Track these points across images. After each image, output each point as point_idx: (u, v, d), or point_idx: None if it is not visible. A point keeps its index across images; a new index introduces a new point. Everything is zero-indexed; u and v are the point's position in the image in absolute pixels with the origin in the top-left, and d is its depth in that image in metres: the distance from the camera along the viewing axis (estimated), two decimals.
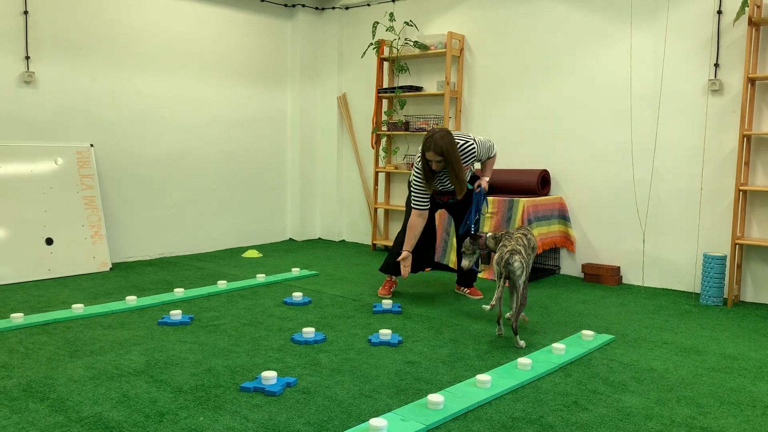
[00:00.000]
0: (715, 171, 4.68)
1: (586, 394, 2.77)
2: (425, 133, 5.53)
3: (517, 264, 3.37)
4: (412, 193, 4.14)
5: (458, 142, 3.98)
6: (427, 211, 4.16)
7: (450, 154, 3.86)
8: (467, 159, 4.03)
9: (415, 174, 4.11)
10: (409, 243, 4.14)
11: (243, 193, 6.56)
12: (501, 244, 3.58)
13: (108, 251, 5.26)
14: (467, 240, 3.83)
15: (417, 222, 4.13)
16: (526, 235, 3.63)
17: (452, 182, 4.01)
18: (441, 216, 5.38)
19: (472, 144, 4.03)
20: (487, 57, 5.82)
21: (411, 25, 6.27)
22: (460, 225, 4.34)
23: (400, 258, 4.16)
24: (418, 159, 4.05)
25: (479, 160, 4.15)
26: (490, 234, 3.78)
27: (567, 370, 3.08)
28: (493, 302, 3.30)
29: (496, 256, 3.51)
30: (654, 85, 4.91)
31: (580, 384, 2.89)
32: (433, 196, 4.23)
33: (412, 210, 4.14)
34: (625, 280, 5.14)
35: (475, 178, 4.28)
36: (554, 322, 3.94)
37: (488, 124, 5.84)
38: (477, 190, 4.14)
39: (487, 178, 4.19)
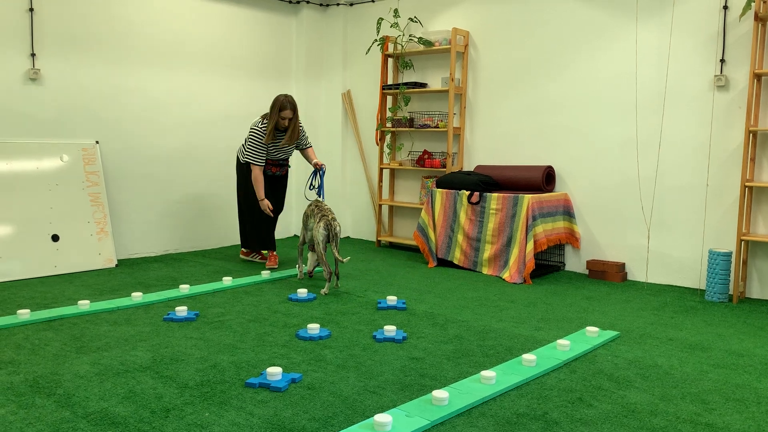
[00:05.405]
0: (721, 167, 4.67)
1: (590, 391, 2.77)
2: (423, 129, 6.10)
3: (339, 227, 4.49)
4: (253, 153, 5.06)
5: None
6: (264, 165, 5.12)
7: (296, 110, 5.04)
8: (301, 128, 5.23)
9: (257, 135, 5.04)
10: (261, 191, 5.08)
11: None
12: (317, 216, 4.49)
13: (113, 248, 5.27)
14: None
15: (260, 174, 5.08)
16: (327, 207, 4.64)
17: (291, 136, 5.06)
18: (445, 212, 5.38)
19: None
20: (492, 53, 5.81)
21: (415, 22, 6.26)
22: (278, 203, 5.44)
23: (262, 201, 5.09)
24: (260, 123, 5.06)
25: (304, 136, 5.29)
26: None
27: (572, 366, 3.08)
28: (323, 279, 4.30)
29: (321, 224, 4.40)
30: (659, 81, 4.90)
31: (584, 380, 2.89)
32: (265, 168, 5.22)
33: (254, 166, 5.07)
34: (630, 277, 5.14)
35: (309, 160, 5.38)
36: (559, 318, 3.94)
37: (493, 121, 5.83)
38: (320, 166, 5.13)
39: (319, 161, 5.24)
